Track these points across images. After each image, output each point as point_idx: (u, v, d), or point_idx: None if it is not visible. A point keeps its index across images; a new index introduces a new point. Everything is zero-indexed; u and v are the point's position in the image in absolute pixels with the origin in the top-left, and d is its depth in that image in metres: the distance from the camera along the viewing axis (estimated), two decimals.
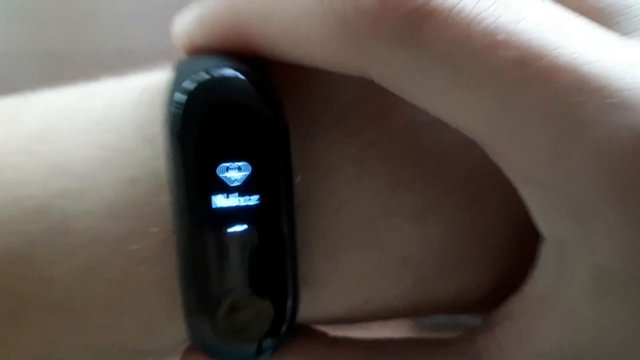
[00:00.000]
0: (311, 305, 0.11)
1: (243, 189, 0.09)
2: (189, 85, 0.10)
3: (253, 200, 0.09)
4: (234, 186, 0.09)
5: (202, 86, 0.10)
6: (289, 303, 0.10)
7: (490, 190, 0.11)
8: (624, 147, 0.08)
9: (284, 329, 0.10)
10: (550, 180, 0.09)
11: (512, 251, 0.12)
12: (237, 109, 0.09)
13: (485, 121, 0.09)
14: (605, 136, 0.08)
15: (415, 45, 0.08)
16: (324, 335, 0.12)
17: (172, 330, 0.11)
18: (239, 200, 0.09)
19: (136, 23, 0.52)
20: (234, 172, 0.09)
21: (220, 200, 0.09)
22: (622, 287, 0.09)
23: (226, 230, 0.09)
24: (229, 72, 0.10)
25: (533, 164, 0.09)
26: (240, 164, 0.09)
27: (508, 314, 0.11)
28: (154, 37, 0.52)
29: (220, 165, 0.09)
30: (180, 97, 0.10)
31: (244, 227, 0.09)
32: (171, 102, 0.10)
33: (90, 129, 0.12)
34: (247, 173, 0.09)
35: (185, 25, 0.13)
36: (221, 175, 0.09)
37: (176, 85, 0.10)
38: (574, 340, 0.10)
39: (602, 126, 0.08)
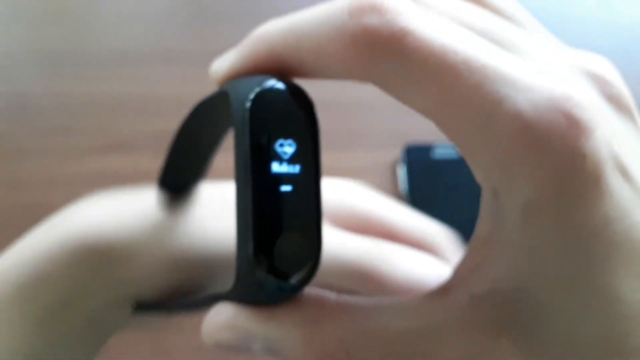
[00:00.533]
0: None
1: (290, 161, 0.14)
2: (252, 94, 0.13)
3: (296, 168, 0.14)
4: (285, 158, 0.13)
5: (261, 94, 0.13)
6: (318, 245, 0.14)
7: None
8: (526, 111, 0.12)
9: (318, 259, 0.14)
10: (480, 143, 0.13)
11: None
12: (285, 108, 0.14)
13: (442, 103, 0.13)
14: (515, 105, 0.12)
15: (398, 53, 0.13)
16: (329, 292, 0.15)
17: None
18: (288, 168, 0.13)
19: (136, 23, 0.52)
20: (286, 148, 0.13)
21: (276, 167, 0.13)
22: (542, 214, 0.12)
23: (279, 187, 0.13)
24: (277, 84, 0.14)
25: (469, 132, 0.13)
26: (289, 141, 0.14)
27: (466, 253, 0.15)
28: (154, 37, 0.52)
29: (277, 141, 0.13)
30: (248, 103, 0.13)
31: (290, 187, 0.13)
32: (241, 106, 0.13)
33: None
34: (293, 149, 0.14)
35: (227, 61, 0.16)
36: (277, 149, 0.13)
37: (242, 95, 0.14)
38: (517, 268, 0.13)
39: (514, 99, 0.12)
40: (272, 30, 0.15)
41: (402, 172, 0.42)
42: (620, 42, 0.52)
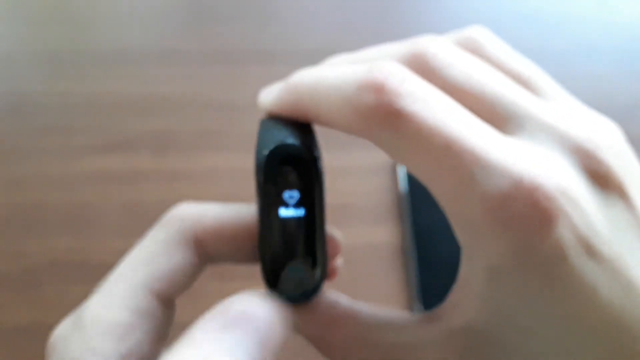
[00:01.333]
0: None
1: (296, 205, 0.17)
2: (268, 148, 0.17)
3: (301, 211, 0.17)
4: (291, 204, 0.17)
5: (275, 149, 0.16)
6: (322, 268, 0.17)
7: None
8: (494, 195, 0.14)
9: (320, 283, 0.17)
10: (456, 212, 0.15)
11: None
12: (293, 162, 0.17)
13: (428, 173, 0.15)
14: (486, 188, 0.14)
15: (393, 128, 0.15)
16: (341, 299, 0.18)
17: None
18: (294, 212, 0.17)
19: (136, 23, 0.52)
20: (292, 196, 0.17)
21: (283, 212, 0.17)
22: (501, 279, 0.14)
23: (285, 228, 0.17)
24: (290, 140, 0.17)
25: (447, 201, 0.15)
26: (294, 191, 0.17)
27: (453, 289, 0.17)
28: (154, 37, 0.52)
29: (284, 191, 0.17)
30: (264, 155, 0.16)
31: (295, 227, 0.17)
32: (259, 157, 0.17)
33: None
34: (297, 197, 0.17)
35: (269, 98, 0.19)
36: (285, 198, 0.17)
37: (261, 146, 0.17)
38: (483, 313, 0.15)
39: (485, 183, 0.14)
40: (302, 85, 0.18)
41: (402, 172, 0.42)
42: (620, 42, 0.52)
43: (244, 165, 0.42)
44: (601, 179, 0.14)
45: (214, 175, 0.42)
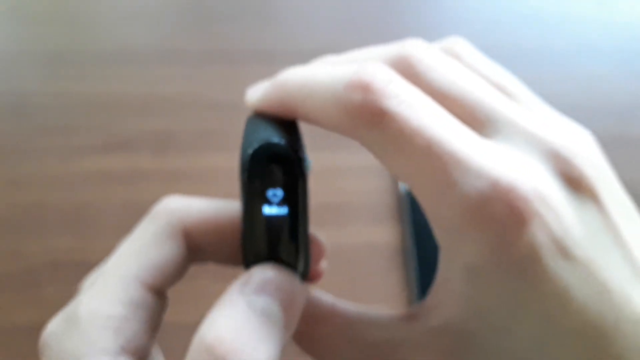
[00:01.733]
0: None
1: (279, 204, 0.17)
2: (252, 147, 0.17)
3: (284, 210, 0.17)
4: (274, 202, 0.17)
5: (260, 148, 0.17)
6: (303, 266, 0.17)
7: None
8: (472, 197, 0.14)
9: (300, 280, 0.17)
10: (436, 211, 0.15)
11: None
12: (278, 160, 0.17)
13: (409, 173, 0.15)
14: (464, 190, 0.14)
15: (377, 128, 0.15)
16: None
17: None
18: (277, 210, 0.17)
19: (136, 23, 0.52)
20: (276, 194, 0.17)
21: (267, 210, 0.17)
22: (479, 277, 0.15)
23: (269, 225, 0.17)
24: (275, 139, 0.17)
25: (428, 200, 0.15)
26: (278, 189, 0.17)
27: (432, 289, 0.17)
28: (154, 37, 0.52)
29: (268, 190, 0.17)
30: (248, 153, 0.17)
31: (278, 224, 0.17)
32: (244, 156, 0.17)
33: None
34: (281, 195, 0.17)
35: (256, 95, 0.19)
36: (268, 196, 0.17)
37: (246, 144, 0.17)
38: (462, 312, 0.16)
39: (464, 184, 0.14)
40: (290, 82, 0.18)
41: None
42: (620, 42, 0.52)
43: None
44: (575, 183, 0.15)
45: (214, 175, 0.42)
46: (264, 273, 0.16)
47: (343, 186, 0.42)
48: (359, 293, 0.37)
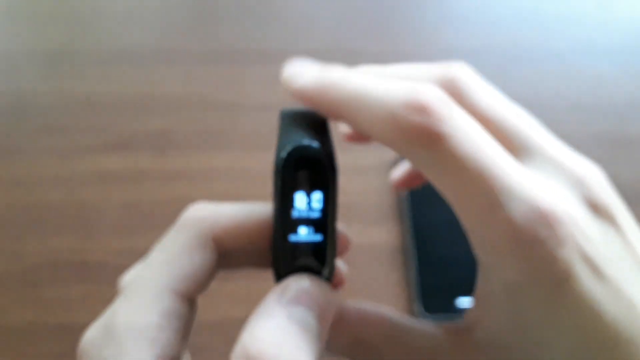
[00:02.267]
0: None
1: (312, 209, 0.17)
2: (286, 150, 0.17)
3: (315, 213, 0.17)
4: (308, 207, 0.17)
5: (294, 150, 0.17)
6: (329, 268, 0.17)
7: None
8: (517, 219, 0.15)
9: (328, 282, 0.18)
10: (480, 232, 0.16)
11: None
12: (311, 164, 0.17)
13: (457, 194, 0.16)
14: (510, 213, 0.15)
15: (432, 149, 0.16)
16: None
17: None
18: (310, 214, 0.17)
19: (136, 23, 0.52)
20: (310, 199, 0.17)
21: (297, 213, 0.17)
22: (519, 295, 0.16)
23: (297, 227, 0.17)
24: (309, 142, 0.17)
25: (473, 221, 0.16)
26: (312, 194, 0.17)
27: (473, 303, 0.18)
28: (154, 37, 0.52)
29: (300, 193, 0.17)
30: (283, 154, 0.17)
31: (306, 227, 0.17)
32: (278, 158, 0.17)
33: None
34: (315, 200, 0.17)
35: (300, 83, 0.19)
36: (300, 199, 0.17)
37: (281, 146, 0.17)
38: (504, 328, 0.17)
39: (509, 208, 0.15)
40: (343, 89, 0.18)
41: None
42: (620, 41, 0.52)
43: (244, 165, 0.42)
44: (597, 208, 0.16)
45: (214, 175, 0.42)
46: (300, 283, 0.16)
47: (343, 186, 0.42)
48: (359, 293, 0.37)
